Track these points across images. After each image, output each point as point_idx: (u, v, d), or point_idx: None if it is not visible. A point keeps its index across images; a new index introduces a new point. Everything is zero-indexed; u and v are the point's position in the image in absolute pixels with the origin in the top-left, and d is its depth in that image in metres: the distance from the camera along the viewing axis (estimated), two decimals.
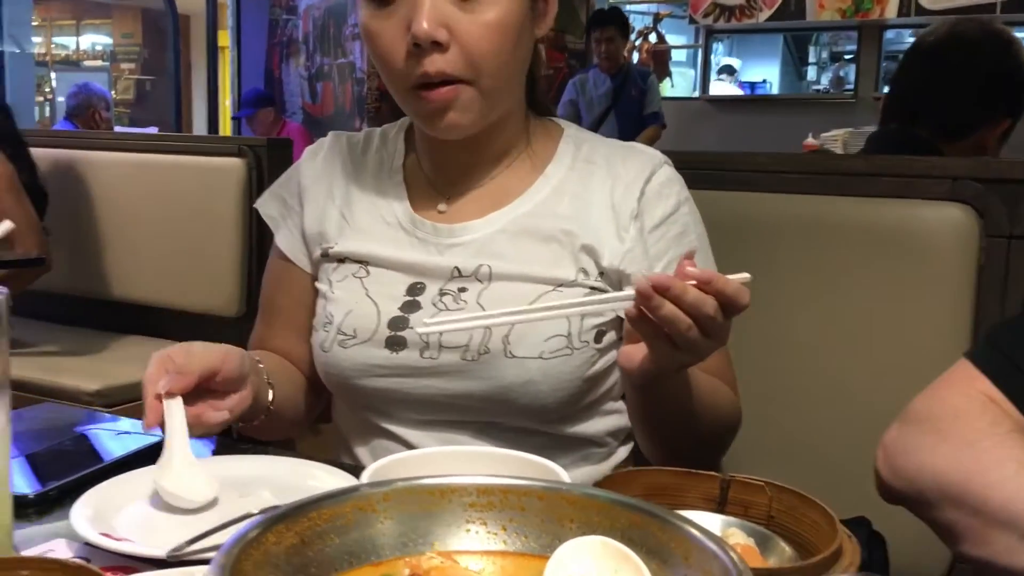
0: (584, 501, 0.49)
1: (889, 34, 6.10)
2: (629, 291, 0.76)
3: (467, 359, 0.94)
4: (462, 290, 0.98)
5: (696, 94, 6.79)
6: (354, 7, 6.35)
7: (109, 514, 0.73)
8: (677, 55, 7.38)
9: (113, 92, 10.47)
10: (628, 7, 7.62)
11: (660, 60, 6.61)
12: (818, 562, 0.52)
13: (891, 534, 1.04)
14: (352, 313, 1.00)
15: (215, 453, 0.94)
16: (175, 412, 0.84)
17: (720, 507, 0.64)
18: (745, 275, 0.76)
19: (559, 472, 0.67)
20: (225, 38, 7.41)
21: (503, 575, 0.47)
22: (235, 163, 2.52)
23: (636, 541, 0.46)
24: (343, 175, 1.09)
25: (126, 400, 2.19)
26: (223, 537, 0.63)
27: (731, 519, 0.63)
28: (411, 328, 0.97)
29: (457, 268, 0.99)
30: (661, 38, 6.93)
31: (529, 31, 0.96)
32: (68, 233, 2.59)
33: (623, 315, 0.82)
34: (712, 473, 0.64)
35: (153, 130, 6.80)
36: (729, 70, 7.50)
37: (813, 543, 0.58)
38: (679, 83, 7.57)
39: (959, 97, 1.66)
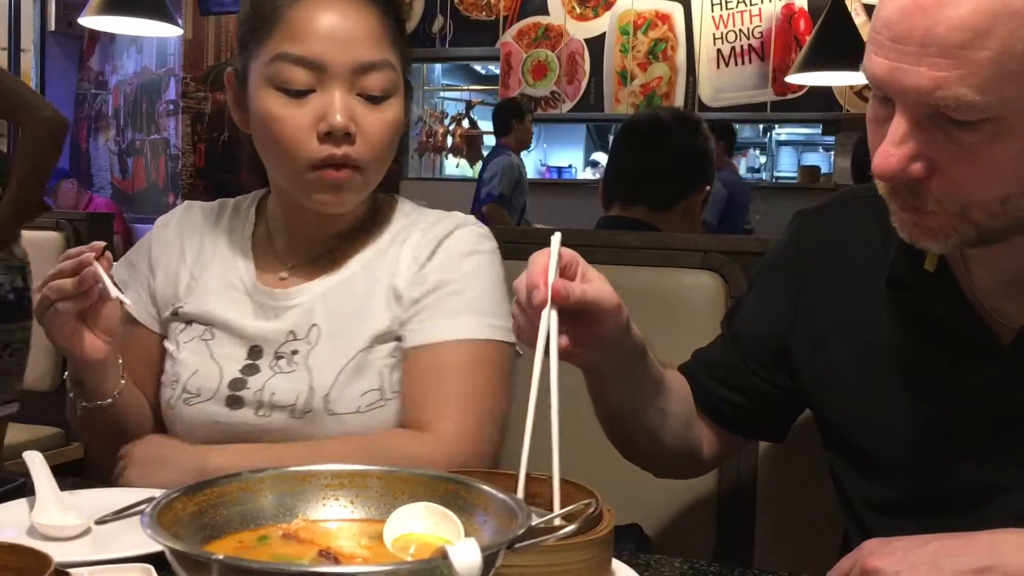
0: (412, 478, 0.66)
1: None
2: None
3: (295, 417, 1.07)
4: (295, 352, 1.09)
5: None
6: (168, 85, 6.33)
7: None
8: (489, 140, 7.79)
9: None
10: (442, 94, 8.02)
11: (472, 145, 6.99)
12: (581, 522, 0.71)
13: (660, 540, 1.26)
14: (197, 373, 1.10)
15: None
16: (38, 461, 0.95)
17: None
18: None
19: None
20: None
21: (351, 533, 0.63)
22: (53, 236, 2.55)
23: (451, 503, 0.63)
24: (195, 240, 1.20)
25: None
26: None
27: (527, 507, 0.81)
28: (248, 388, 1.08)
29: (292, 332, 1.10)
30: (474, 124, 7.33)
31: (402, 129, 1.13)
32: None
33: None
34: (511, 472, 0.82)
35: None
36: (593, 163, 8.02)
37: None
38: None
39: (662, 173, 2.03)
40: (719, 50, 5.81)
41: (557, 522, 0.70)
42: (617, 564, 0.78)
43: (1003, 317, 0.92)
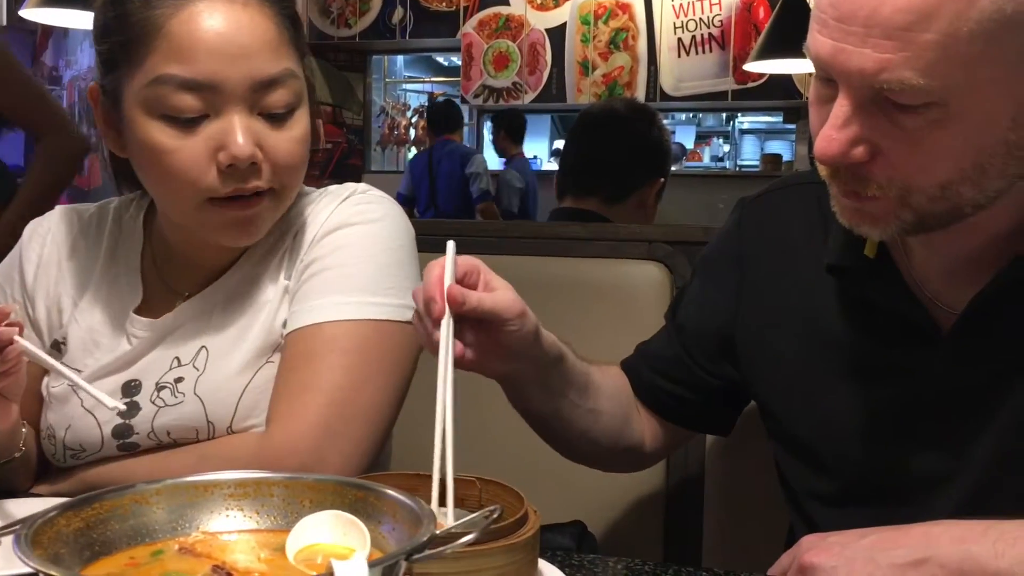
0: (320, 485, 0.63)
1: None
2: None
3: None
4: (179, 380, 0.96)
5: None
6: None
7: None
8: None
9: None
10: (405, 86, 7.95)
11: None
12: (507, 525, 0.69)
13: (606, 537, 1.24)
14: (72, 428, 0.98)
15: None
16: None
17: (442, 501, 0.79)
18: None
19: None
20: None
21: (251, 546, 0.60)
22: None
23: (360, 511, 0.60)
24: (75, 259, 1.05)
25: None
26: None
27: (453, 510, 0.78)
28: (137, 433, 0.96)
29: (177, 358, 0.98)
30: None
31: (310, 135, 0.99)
32: None
33: None
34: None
35: None
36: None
37: (510, 518, 0.74)
38: None
39: (615, 165, 2.02)
40: (680, 39, 5.80)
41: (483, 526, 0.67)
42: (545, 566, 0.76)
43: (943, 303, 0.90)
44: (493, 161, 6.02)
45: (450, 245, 0.84)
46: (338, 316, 0.95)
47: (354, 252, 0.99)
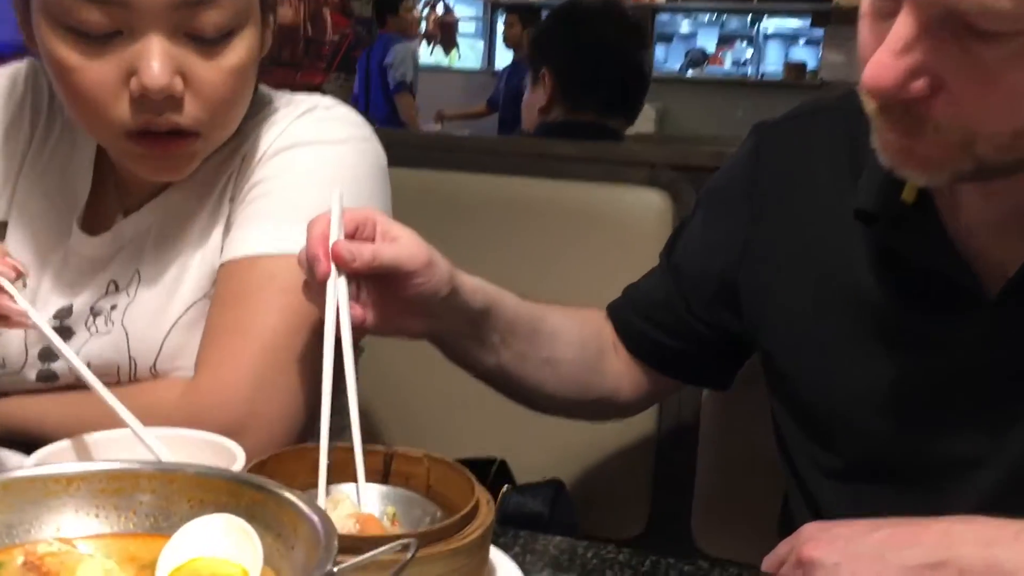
0: (213, 482, 0.51)
1: (662, 16, 6.50)
2: None
3: (122, 385, 0.86)
4: (113, 307, 0.88)
5: (483, 66, 6.94)
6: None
7: None
8: (465, 27, 7.47)
9: None
10: None
11: (447, 31, 6.68)
12: (451, 523, 0.57)
13: (590, 498, 1.13)
14: (3, 338, 0.88)
15: None
16: None
17: (384, 479, 0.68)
18: None
19: (235, 449, 0.68)
20: None
21: (123, 554, 0.49)
22: None
23: (257, 517, 0.49)
24: (40, 125, 0.92)
25: None
26: None
27: (395, 490, 0.68)
28: (59, 361, 0.87)
29: (114, 282, 0.89)
30: (448, 9, 6.99)
31: (258, 60, 0.86)
32: None
33: None
34: (377, 447, 0.68)
35: None
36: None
37: (459, 506, 0.62)
38: (467, 55, 7.67)
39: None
40: None
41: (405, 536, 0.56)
42: (500, 559, 0.65)
43: (991, 262, 0.77)
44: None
45: (335, 194, 0.74)
46: (278, 249, 0.83)
47: (305, 175, 0.86)
